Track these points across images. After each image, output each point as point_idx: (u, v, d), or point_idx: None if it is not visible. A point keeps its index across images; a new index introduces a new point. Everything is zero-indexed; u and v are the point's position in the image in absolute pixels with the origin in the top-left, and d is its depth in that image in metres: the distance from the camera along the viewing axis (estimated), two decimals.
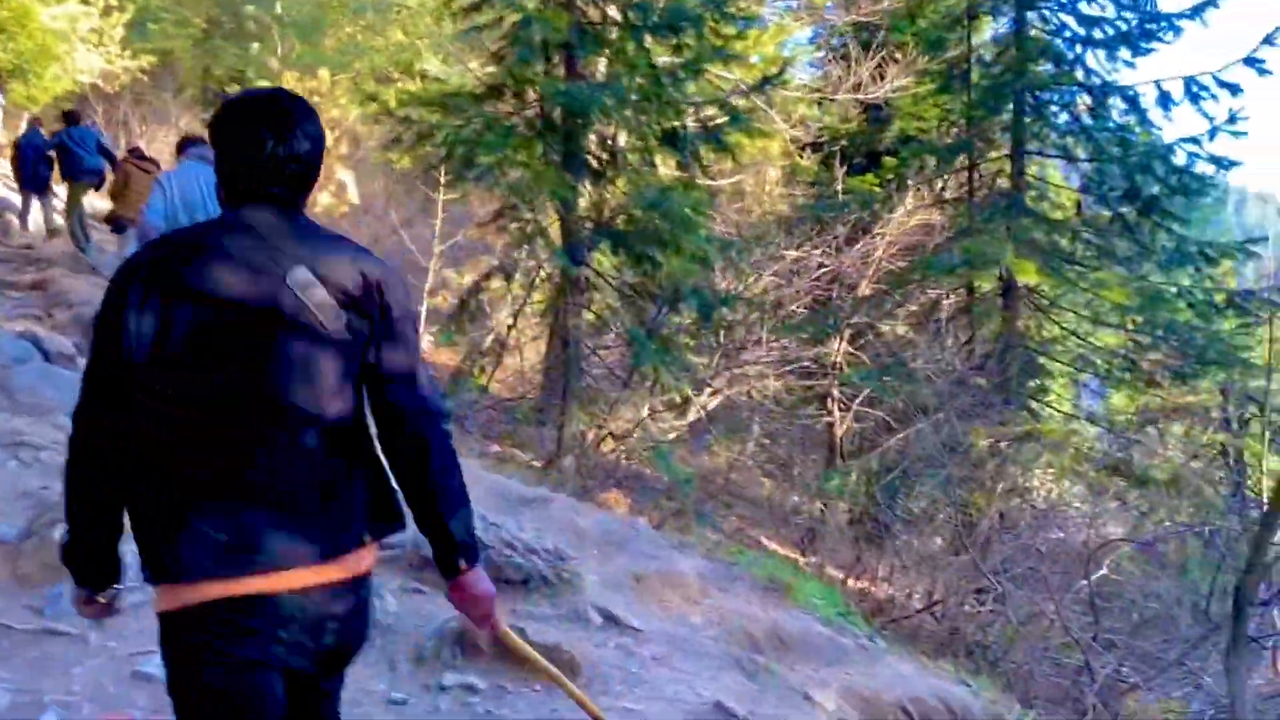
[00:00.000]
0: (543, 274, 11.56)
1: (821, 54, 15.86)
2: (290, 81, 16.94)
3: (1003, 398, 10.18)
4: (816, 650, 5.14)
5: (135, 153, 9.99)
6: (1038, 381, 11.55)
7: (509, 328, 11.98)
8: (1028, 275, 10.25)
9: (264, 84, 17.02)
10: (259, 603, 1.68)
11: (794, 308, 12.80)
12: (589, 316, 10.85)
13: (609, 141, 10.40)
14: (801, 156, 15.20)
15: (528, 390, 12.23)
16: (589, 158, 9.97)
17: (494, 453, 9.66)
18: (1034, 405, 11.26)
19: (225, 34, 20.77)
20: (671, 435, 11.69)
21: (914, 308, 12.40)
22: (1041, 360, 11.43)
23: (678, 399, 11.28)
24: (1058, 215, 11.45)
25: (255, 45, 19.50)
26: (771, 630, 5.15)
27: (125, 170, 9.52)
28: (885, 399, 11.54)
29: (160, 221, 5.26)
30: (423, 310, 13.70)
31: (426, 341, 13.64)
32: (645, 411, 10.86)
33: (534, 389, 12.07)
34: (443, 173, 11.25)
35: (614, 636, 4.12)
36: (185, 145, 6.25)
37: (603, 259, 10.79)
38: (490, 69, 10.44)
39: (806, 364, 12.42)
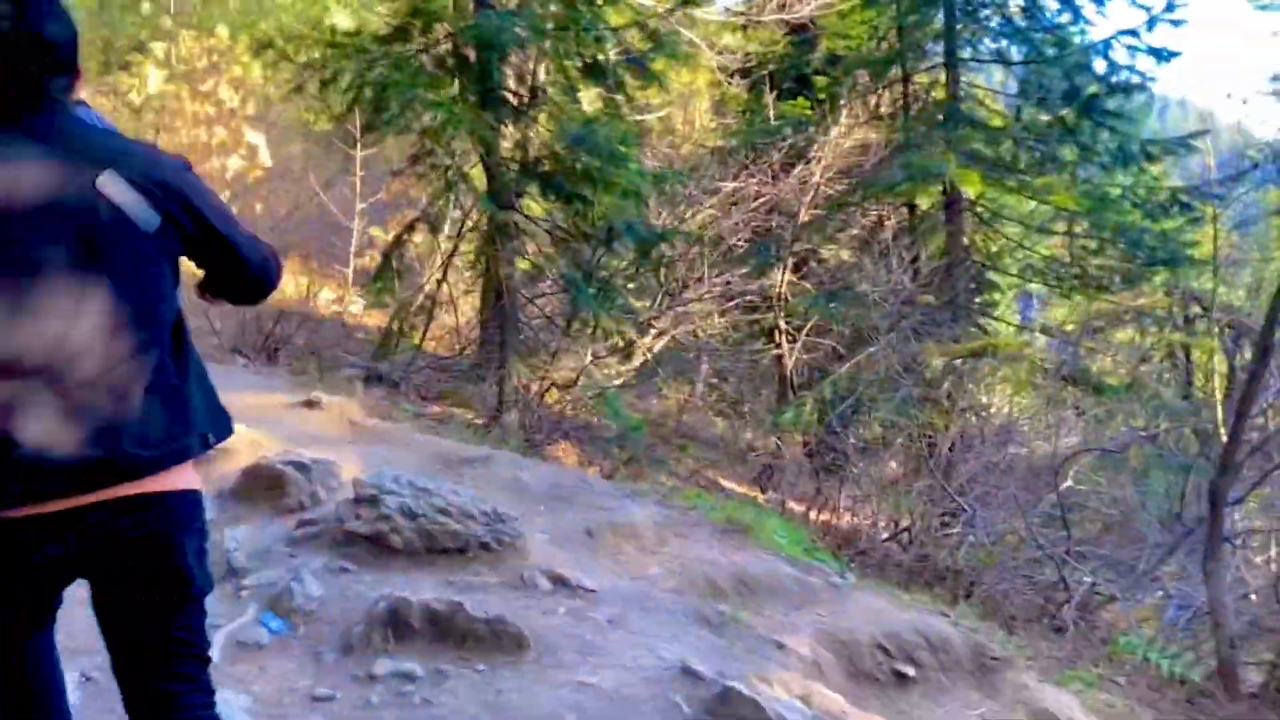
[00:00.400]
0: (469, 223, 11.04)
1: None
2: (188, 41, 16.00)
3: (951, 314, 9.92)
4: (785, 592, 4.83)
5: None
6: (985, 296, 11.32)
7: (439, 282, 11.45)
8: (972, 186, 9.92)
9: (160, 46, 16.08)
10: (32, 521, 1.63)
11: (734, 241, 12.42)
12: (522, 264, 10.38)
13: (528, 76, 9.85)
14: (730, 85, 14.73)
15: (465, 346, 11.72)
16: (507, 94, 9.42)
17: (432, 413, 9.20)
18: (983, 320, 11.03)
19: (124, 3, 19.58)
20: (618, 381, 11.30)
21: (856, 231, 12.06)
22: (989, 274, 11.20)
23: (621, 343, 10.89)
24: (996, 123, 11.12)
25: (146, 5, 18.39)
26: (735, 575, 4.82)
27: None
28: (834, 326, 11.25)
29: None
30: (349, 273, 13.10)
31: (358, 305, 13.06)
32: (588, 359, 10.44)
33: (471, 344, 11.57)
34: (358, 126, 10.67)
35: (564, 601, 3.74)
36: None
37: (532, 203, 10.29)
38: (395, 4, 9.81)
39: (751, 298, 12.09)
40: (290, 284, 12.19)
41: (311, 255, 14.03)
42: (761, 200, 12.30)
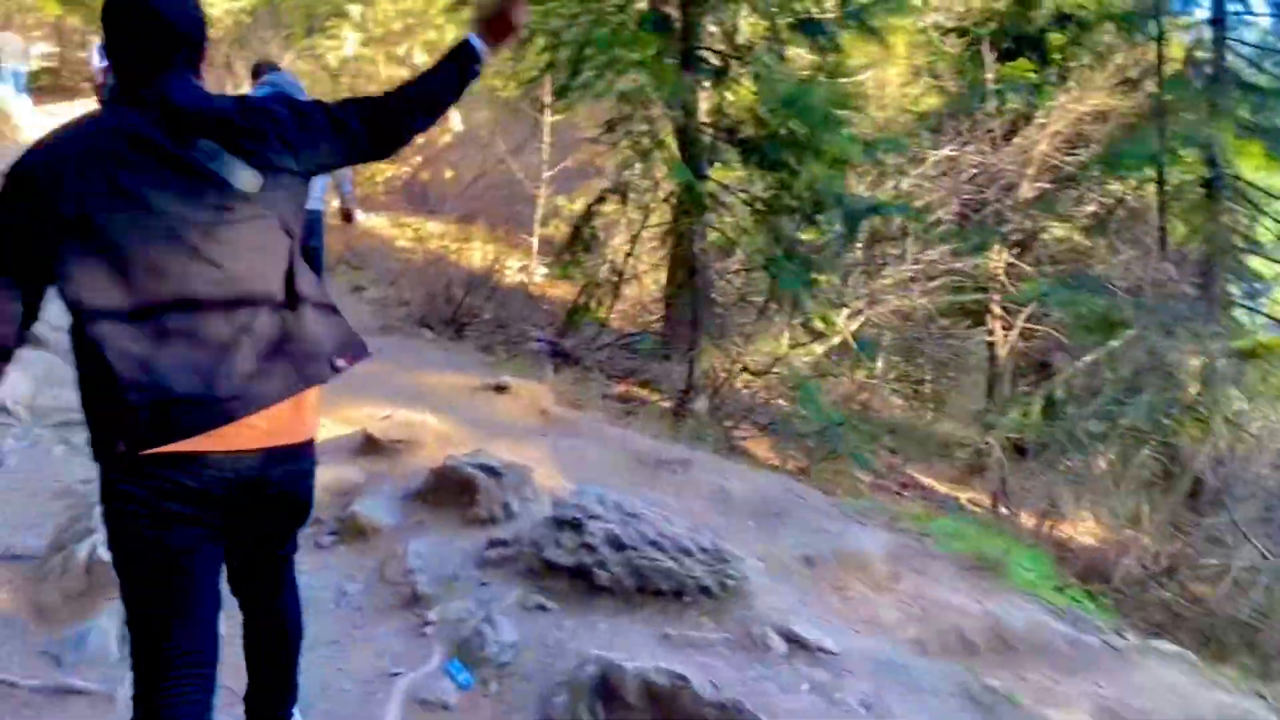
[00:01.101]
0: (660, 193, 10.42)
1: None
2: (384, 4, 16.04)
3: (1210, 309, 8.60)
4: (1051, 652, 3.99)
5: None
6: (1247, 287, 9.84)
7: (626, 255, 10.90)
8: (1249, 160, 8.54)
9: (357, 10, 16.17)
10: (187, 459, 1.72)
11: (942, 214, 11.32)
12: (715, 237, 9.68)
13: (732, 34, 9.09)
14: (944, 45, 13.53)
15: (650, 322, 11.15)
16: (710, 54, 8.69)
17: (619, 394, 8.67)
18: (1243, 316, 9.58)
19: None
20: (811, 363, 10.46)
21: (1091, 208, 10.72)
22: (1254, 263, 9.70)
23: (820, 325, 10.05)
24: (1271, 86, 9.55)
25: None
26: (990, 628, 4.02)
27: None
28: (1051, 314, 10.08)
29: None
30: (534, 242, 12.75)
31: (540, 275, 12.69)
32: (785, 342, 9.66)
33: (657, 321, 10.99)
34: (548, 91, 10.20)
35: (804, 670, 3.05)
36: (259, 71, 6.26)
37: (726, 171, 9.57)
38: None
39: (958, 278, 11.01)
40: (477, 252, 11.94)
41: (497, 223, 13.78)
42: (977, 171, 11.17)
